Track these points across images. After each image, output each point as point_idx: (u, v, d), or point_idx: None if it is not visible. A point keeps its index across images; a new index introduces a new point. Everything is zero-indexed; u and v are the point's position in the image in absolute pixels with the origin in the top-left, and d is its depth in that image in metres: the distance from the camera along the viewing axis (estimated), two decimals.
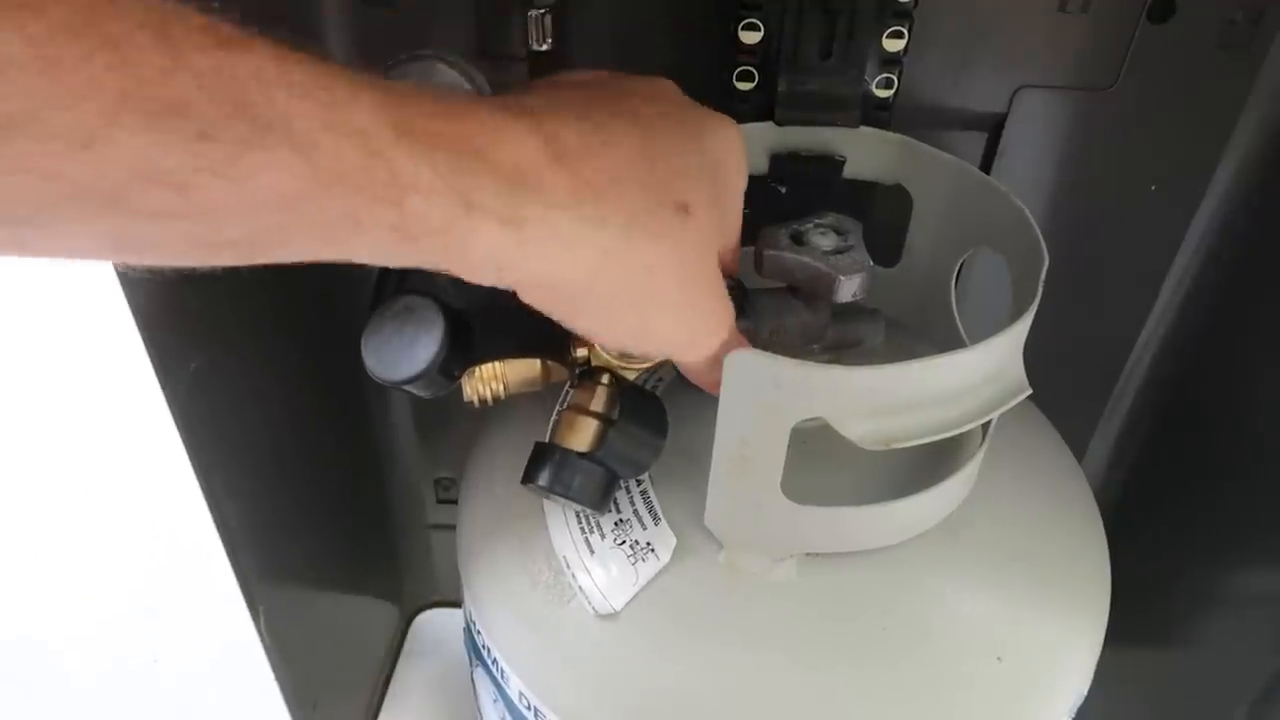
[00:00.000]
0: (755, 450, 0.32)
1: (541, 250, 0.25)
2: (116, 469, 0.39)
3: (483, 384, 0.36)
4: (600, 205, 0.26)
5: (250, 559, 0.44)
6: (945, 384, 0.31)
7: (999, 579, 0.37)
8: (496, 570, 0.40)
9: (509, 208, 0.24)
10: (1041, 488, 0.41)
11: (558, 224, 0.25)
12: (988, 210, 0.39)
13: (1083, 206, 0.52)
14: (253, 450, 0.46)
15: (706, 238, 0.29)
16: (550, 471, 0.35)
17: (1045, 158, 0.50)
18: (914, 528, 0.36)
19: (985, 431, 0.36)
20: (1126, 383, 0.60)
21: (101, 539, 0.42)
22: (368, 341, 0.33)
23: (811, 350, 0.40)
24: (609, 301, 0.28)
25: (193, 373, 0.38)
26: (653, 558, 0.36)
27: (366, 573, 0.69)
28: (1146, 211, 0.51)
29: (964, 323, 0.43)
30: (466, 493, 0.45)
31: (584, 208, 0.26)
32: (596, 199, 0.26)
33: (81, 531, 0.42)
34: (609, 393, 0.36)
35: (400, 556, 0.74)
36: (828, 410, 0.30)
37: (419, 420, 0.66)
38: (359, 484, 0.65)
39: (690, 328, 0.31)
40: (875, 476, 0.38)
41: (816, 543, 0.35)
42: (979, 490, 0.38)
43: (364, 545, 0.68)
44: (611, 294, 0.28)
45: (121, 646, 0.47)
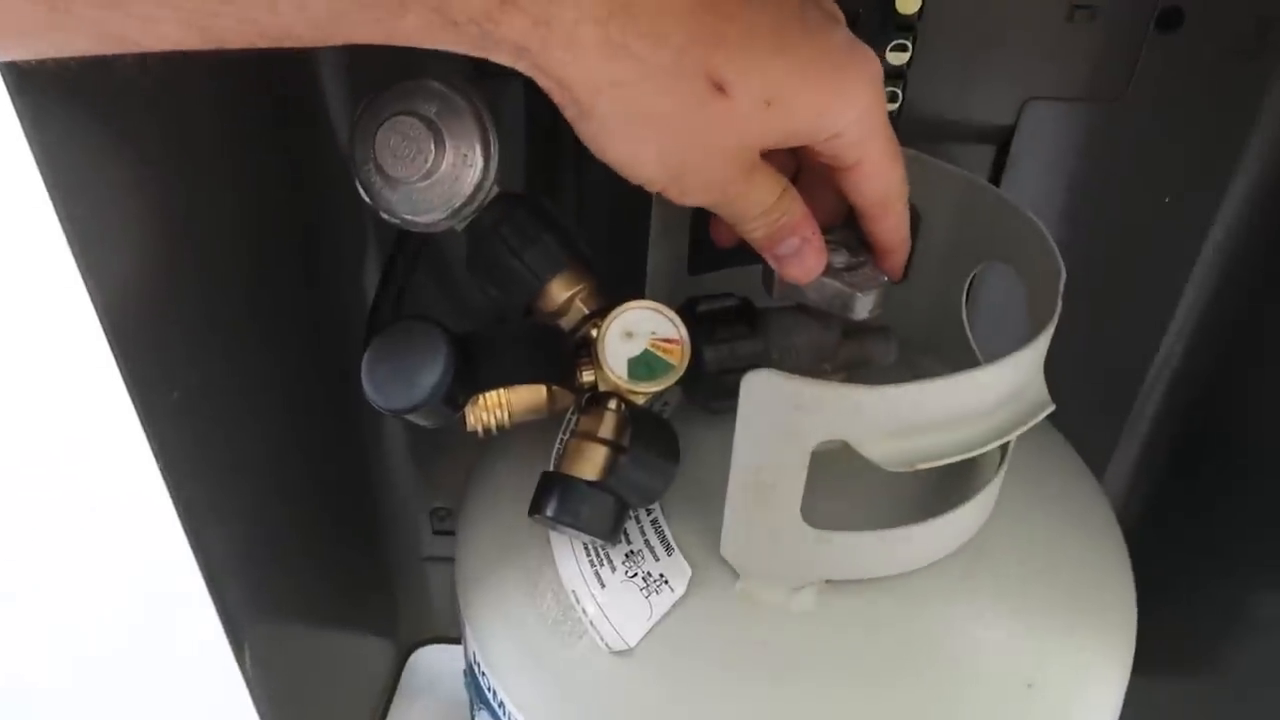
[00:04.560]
0: (773, 475, 0.31)
1: (560, 56, 0.26)
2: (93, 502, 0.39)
3: (486, 412, 0.35)
4: (628, 33, 0.26)
5: (234, 593, 0.43)
6: (971, 401, 0.31)
7: (1024, 604, 0.37)
8: (501, 606, 0.39)
9: (540, 6, 0.25)
10: (1062, 509, 0.41)
11: (581, 36, 0.26)
12: (999, 224, 0.39)
13: (1095, 220, 0.52)
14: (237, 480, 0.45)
15: (737, 126, 0.29)
16: (558, 501, 0.34)
17: (1055, 170, 0.50)
18: (936, 552, 0.36)
19: (1005, 451, 0.36)
20: (1145, 400, 0.59)
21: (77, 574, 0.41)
22: (368, 369, 0.32)
23: (823, 370, 0.39)
24: (606, 123, 0.29)
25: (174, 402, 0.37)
26: (667, 590, 0.35)
27: (358, 608, 0.68)
28: (1161, 224, 0.51)
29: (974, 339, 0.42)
30: (466, 524, 0.44)
31: (611, 28, 0.26)
32: (627, 26, 0.26)
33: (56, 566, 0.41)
34: (618, 418, 0.36)
35: (394, 590, 0.73)
36: (850, 432, 0.30)
37: (414, 447, 0.66)
38: (350, 514, 0.64)
39: (701, 187, 0.31)
40: (891, 500, 0.37)
41: (837, 570, 0.35)
42: (998, 513, 0.37)
43: (356, 579, 0.67)
44: (610, 119, 0.28)
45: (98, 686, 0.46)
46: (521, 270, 0.36)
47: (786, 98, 0.29)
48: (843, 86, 0.30)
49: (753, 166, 0.31)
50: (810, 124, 0.30)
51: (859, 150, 0.32)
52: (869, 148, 0.32)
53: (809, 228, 0.34)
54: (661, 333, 0.36)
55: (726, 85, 0.28)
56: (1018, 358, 0.31)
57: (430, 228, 0.35)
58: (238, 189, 0.44)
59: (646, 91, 0.28)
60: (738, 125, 0.29)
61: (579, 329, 0.37)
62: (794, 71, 0.29)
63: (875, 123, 0.31)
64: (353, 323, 0.54)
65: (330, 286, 0.56)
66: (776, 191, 0.32)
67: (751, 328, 0.37)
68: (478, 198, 0.35)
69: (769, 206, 0.32)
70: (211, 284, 0.41)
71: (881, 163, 0.33)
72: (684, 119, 0.29)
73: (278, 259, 0.49)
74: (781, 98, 0.29)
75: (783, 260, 0.34)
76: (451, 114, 0.33)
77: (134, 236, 0.35)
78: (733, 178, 0.31)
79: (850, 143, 0.31)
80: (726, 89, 0.28)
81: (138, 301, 0.35)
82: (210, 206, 0.41)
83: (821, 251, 0.34)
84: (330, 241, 0.55)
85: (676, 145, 0.29)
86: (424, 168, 0.33)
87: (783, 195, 0.32)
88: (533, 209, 0.36)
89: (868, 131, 0.31)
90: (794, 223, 0.33)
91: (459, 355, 0.32)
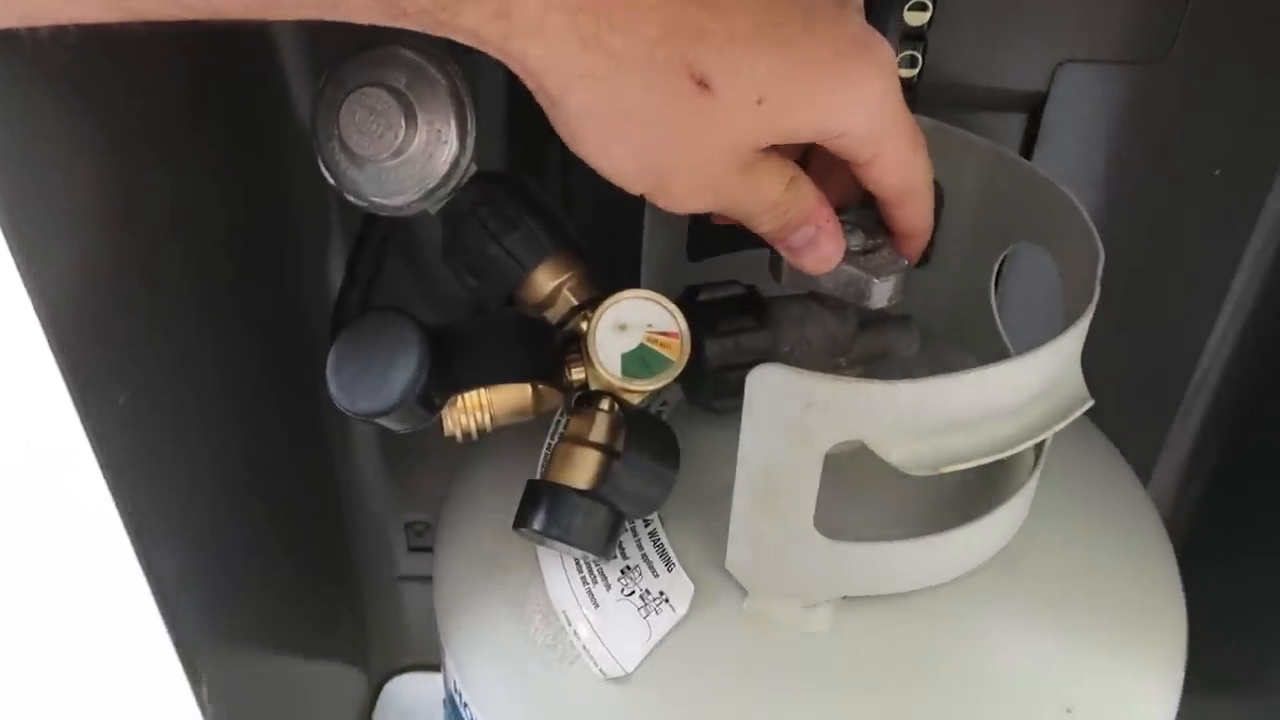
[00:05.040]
0: (783, 481, 0.31)
1: (522, 46, 0.27)
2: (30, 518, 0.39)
3: (466, 414, 0.35)
4: (600, 24, 0.27)
5: (190, 620, 0.43)
6: (1002, 396, 0.31)
7: (1062, 620, 0.37)
8: (484, 630, 0.39)
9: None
10: (1104, 514, 0.41)
11: (548, 26, 0.26)
12: (1030, 201, 0.39)
13: (1137, 196, 0.52)
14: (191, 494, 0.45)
15: (725, 126, 0.29)
16: (546, 513, 0.34)
17: (1092, 141, 0.50)
18: (964, 564, 0.36)
19: (1040, 452, 0.36)
20: (1195, 395, 0.60)
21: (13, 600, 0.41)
22: (333, 368, 0.32)
23: (838, 364, 0.39)
24: (577, 117, 0.29)
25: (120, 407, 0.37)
26: (667, 609, 0.35)
27: (327, 634, 0.68)
28: (1210, 199, 0.52)
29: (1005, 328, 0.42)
30: (444, 539, 0.44)
31: (580, 19, 0.26)
32: (599, 16, 0.26)
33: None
34: (611, 420, 0.36)
35: (367, 614, 0.73)
36: (868, 432, 0.30)
37: (387, 454, 0.66)
38: (317, 530, 0.64)
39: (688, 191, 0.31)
40: (913, 507, 0.37)
41: (855, 585, 0.35)
42: (1033, 519, 0.37)
43: (324, 602, 0.67)
44: (581, 113, 0.29)
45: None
46: (502, 257, 0.36)
47: (780, 96, 0.29)
48: (846, 84, 0.30)
49: (749, 164, 0.31)
50: (810, 124, 0.30)
51: (872, 148, 0.32)
52: (883, 145, 0.32)
53: (823, 215, 0.33)
54: (658, 325, 0.36)
55: (709, 81, 0.28)
56: (1053, 347, 0.31)
57: (401, 211, 0.35)
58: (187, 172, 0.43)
59: (620, 86, 0.28)
60: (725, 125, 0.29)
61: (567, 322, 0.37)
62: (788, 68, 0.29)
63: (888, 119, 0.31)
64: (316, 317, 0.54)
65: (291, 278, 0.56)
66: (782, 183, 0.32)
67: (758, 319, 0.37)
68: (453, 177, 0.34)
69: (775, 200, 0.32)
70: (160, 276, 0.41)
71: (899, 156, 0.32)
72: (664, 118, 0.29)
73: (233, 249, 0.49)
74: (774, 96, 0.29)
75: (797, 251, 0.34)
76: (424, 85, 0.33)
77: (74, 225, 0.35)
78: (726, 179, 0.31)
79: (861, 142, 0.31)
80: (710, 85, 0.28)
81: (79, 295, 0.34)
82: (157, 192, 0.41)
83: (839, 239, 0.34)
84: (291, 228, 0.55)
85: (657, 145, 0.29)
86: (393, 145, 0.33)
87: (791, 184, 0.32)
88: (514, 190, 0.36)
89: (880, 129, 0.31)
90: (806, 212, 0.33)
91: (434, 351, 0.33)
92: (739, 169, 0.31)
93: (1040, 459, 0.36)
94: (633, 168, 0.30)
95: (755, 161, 0.31)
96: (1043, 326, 0.33)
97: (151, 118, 0.40)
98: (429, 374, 0.32)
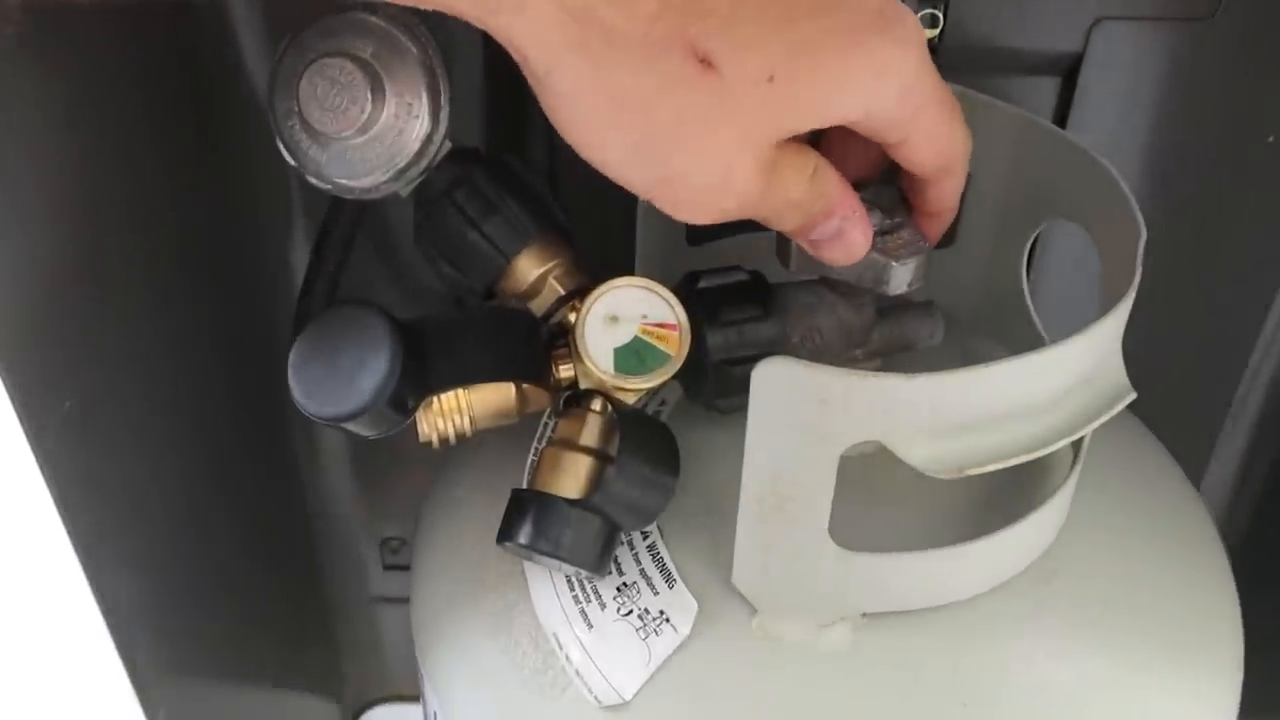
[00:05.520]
0: (795, 486, 0.31)
1: (508, 21, 0.27)
2: None
3: (443, 418, 0.35)
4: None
5: (146, 648, 0.43)
6: (1035, 390, 0.31)
7: (1104, 639, 0.37)
8: (467, 655, 0.39)
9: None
10: (1151, 520, 0.41)
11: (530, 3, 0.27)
12: (1064, 173, 0.39)
13: (1182, 167, 0.52)
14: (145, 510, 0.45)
15: (734, 109, 0.29)
16: (533, 526, 0.34)
17: (1132, 107, 0.50)
18: (996, 576, 0.36)
19: (1078, 451, 0.36)
20: (1248, 389, 0.60)
21: None
22: (296, 368, 0.32)
23: (854, 357, 0.40)
24: (567, 99, 0.29)
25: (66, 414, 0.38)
26: (668, 630, 0.35)
27: (296, 661, 0.68)
28: (1262, 169, 0.52)
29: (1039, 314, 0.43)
30: (422, 556, 0.44)
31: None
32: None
33: None
34: (603, 422, 0.36)
35: (338, 640, 0.73)
36: (887, 431, 0.30)
37: (358, 464, 0.66)
38: (283, 548, 0.65)
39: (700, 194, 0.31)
40: (938, 514, 0.38)
41: (875, 600, 0.35)
42: (1071, 526, 0.37)
43: (292, 626, 0.67)
44: (571, 94, 0.29)
45: None
46: (482, 244, 0.36)
47: (792, 72, 0.29)
48: (868, 61, 0.30)
49: (770, 162, 0.30)
50: (828, 104, 0.30)
51: (901, 130, 0.32)
52: (915, 126, 0.32)
53: (848, 203, 0.33)
54: (654, 316, 0.36)
55: (713, 58, 0.28)
56: (1091, 334, 0.31)
57: (369, 193, 0.35)
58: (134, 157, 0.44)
59: (612, 64, 0.28)
60: (734, 108, 0.29)
61: (554, 314, 0.37)
62: (800, 42, 0.29)
63: (919, 100, 0.31)
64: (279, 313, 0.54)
65: (251, 270, 0.56)
66: (806, 178, 0.32)
67: (764, 307, 0.37)
68: (426, 156, 0.35)
69: (798, 199, 0.32)
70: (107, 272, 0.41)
71: (933, 135, 0.32)
72: (663, 102, 0.29)
73: (186, 240, 0.49)
74: (786, 72, 0.29)
75: (821, 245, 0.34)
76: (392, 54, 0.33)
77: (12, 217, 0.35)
78: (744, 180, 0.30)
79: (889, 124, 0.31)
80: (714, 63, 0.28)
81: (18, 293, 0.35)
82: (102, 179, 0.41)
83: (866, 227, 0.34)
84: (249, 216, 0.55)
85: (658, 136, 0.29)
86: (359, 120, 0.33)
87: (814, 178, 0.32)
88: (494, 169, 0.36)
89: (910, 111, 0.31)
90: (830, 204, 0.33)
91: (407, 348, 0.33)
92: (758, 168, 0.30)
93: (1078, 458, 0.36)
94: (632, 163, 0.30)
95: (776, 158, 0.31)
96: (1080, 312, 0.33)
97: (95, 99, 0.40)
98: (402, 373, 0.32)
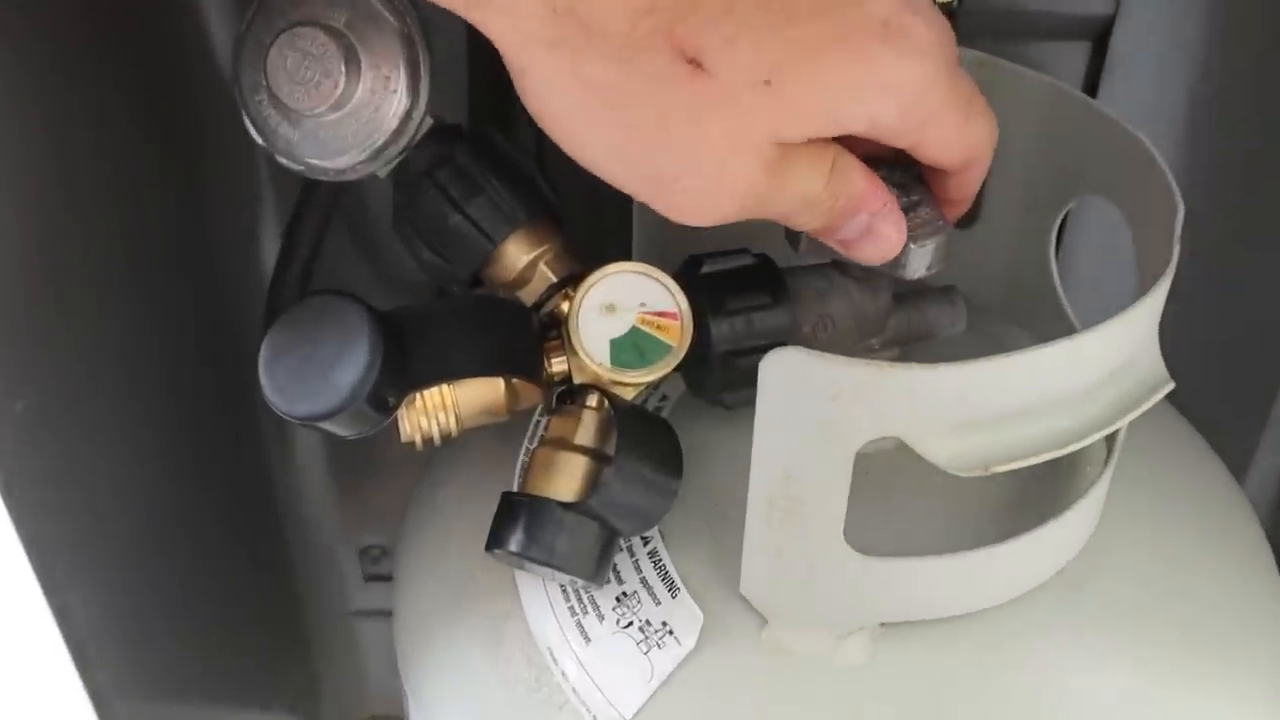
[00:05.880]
0: (806, 487, 0.31)
1: (484, 17, 0.28)
2: None
3: (426, 416, 0.35)
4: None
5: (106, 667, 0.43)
6: (1063, 382, 0.31)
7: (1141, 650, 0.37)
8: (455, 672, 0.39)
9: None
10: (1192, 522, 0.41)
11: None
12: (1095, 146, 0.39)
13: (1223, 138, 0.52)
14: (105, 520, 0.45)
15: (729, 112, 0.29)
16: (525, 532, 0.34)
17: (1168, 74, 0.50)
18: (1025, 581, 0.36)
19: (1112, 446, 0.36)
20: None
21: None
22: (267, 364, 0.32)
23: (869, 346, 0.40)
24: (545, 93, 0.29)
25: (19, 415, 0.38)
26: (672, 643, 0.35)
27: (269, 681, 0.68)
28: None
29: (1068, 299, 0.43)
30: (405, 566, 0.44)
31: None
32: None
33: None
34: (600, 419, 0.36)
35: (315, 657, 0.73)
36: (906, 426, 0.30)
37: (335, 467, 0.66)
38: (255, 559, 0.65)
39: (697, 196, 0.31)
40: (963, 516, 0.38)
41: (895, 609, 0.35)
42: (1105, 528, 0.37)
43: (265, 643, 0.67)
44: (549, 88, 0.29)
45: None
46: (466, 228, 0.36)
47: (790, 77, 0.29)
48: (869, 70, 0.30)
49: (775, 161, 0.30)
50: (828, 112, 0.30)
51: (911, 138, 0.32)
52: (923, 135, 0.32)
53: (877, 197, 0.33)
54: (654, 304, 0.36)
55: (703, 59, 0.28)
56: (1125, 319, 0.31)
57: (345, 175, 0.35)
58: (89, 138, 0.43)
59: (592, 61, 0.28)
60: (727, 109, 0.29)
61: (545, 303, 0.37)
62: (797, 46, 0.29)
63: (925, 113, 0.31)
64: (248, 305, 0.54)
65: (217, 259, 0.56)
66: (822, 174, 0.32)
67: (773, 294, 0.37)
68: (405, 133, 0.35)
69: (815, 196, 0.32)
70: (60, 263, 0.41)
71: (947, 139, 0.33)
72: (647, 102, 0.29)
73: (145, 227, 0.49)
74: (783, 76, 0.29)
75: (851, 245, 0.34)
76: (367, 23, 0.33)
77: None
78: (748, 180, 0.31)
79: (896, 132, 0.31)
80: (704, 63, 0.28)
81: None
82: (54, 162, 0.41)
83: (899, 222, 0.34)
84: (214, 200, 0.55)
85: (640, 136, 0.30)
86: (333, 95, 0.33)
87: (832, 174, 0.32)
88: (479, 147, 0.36)
89: (916, 123, 0.31)
90: (855, 199, 0.33)
91: (387, 341, 0.33)
92: (761, 167, 0.30)
93: (1113, 454, 0.36)
94: (614, 160, 0.30)
95: (783, 155, 0.31)
96: (1113, 296, 0.33)
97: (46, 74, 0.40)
98: (382, 368, 0.32)
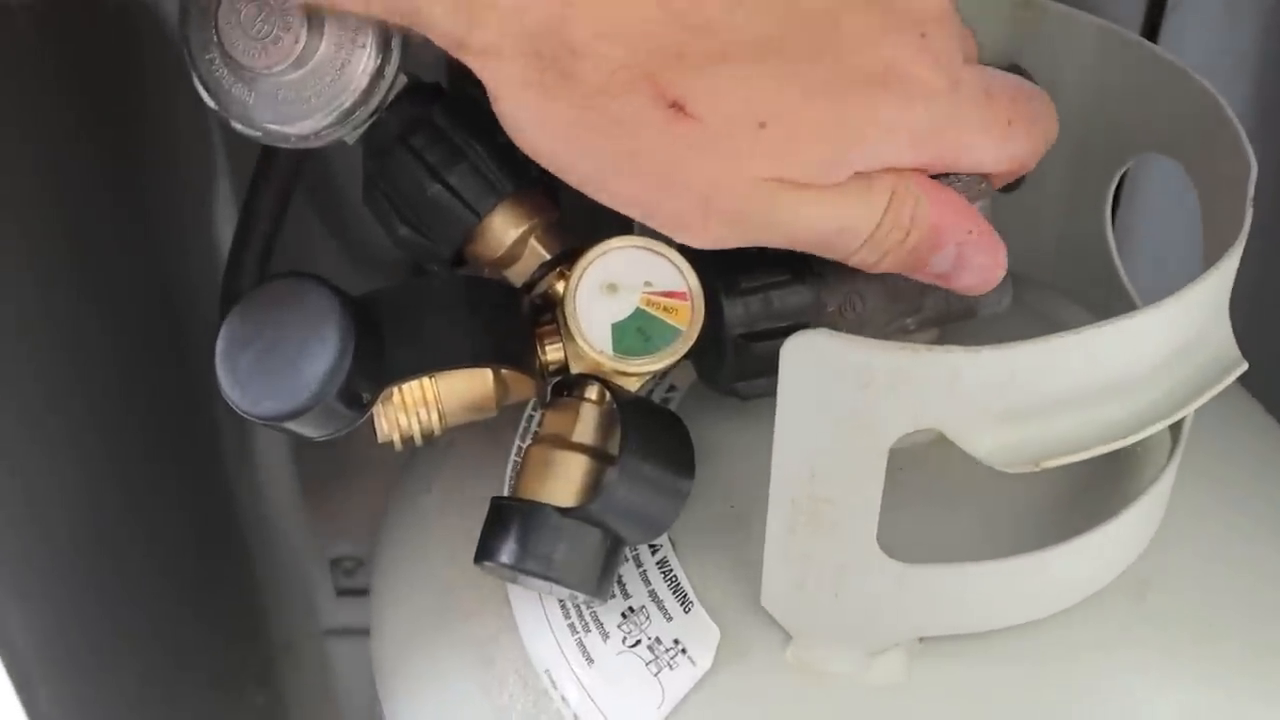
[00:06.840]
0: (834, 487, 0.31)
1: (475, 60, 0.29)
2: None
3: (406, 413, 0.35)
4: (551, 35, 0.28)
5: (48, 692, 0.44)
6: (1122, 365, 0.31)
7: (1210, 664, 0.37)
8: (441, 697, 0.39)
9: None
10: (1267, 520, 0.41)
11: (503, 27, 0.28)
12: (1156, 98, 0.39)
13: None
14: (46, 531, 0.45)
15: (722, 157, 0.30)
16: (518, 541, 0.34)
17: (1240, 11, 0.50)
18: (1081, 589, 0.36)
19: (1177, 437, 0.36)
20: None
21: None
22: (225, 356, 0.32)
23: (904, 327, 0.39)
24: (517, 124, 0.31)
25: None
26: (685, 663, 0.35)
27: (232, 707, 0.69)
28: None
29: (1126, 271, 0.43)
30: (383, 579, 0.44)
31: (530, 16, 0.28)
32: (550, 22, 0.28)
33: None
34: (601, 413, 0.36)
35: (283, 680, 0.73)
36: (945, 417, 0.30)
37: (303, 471, 0.66)
38: (215, 574, 0.65)
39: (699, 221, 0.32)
40: (1010, 517, 0.38)
41: (935, 622, 0.35)
42: (1170, 528, 0.37)
43: (227, 666, 0.67)
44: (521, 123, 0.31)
45: None
46: (446, 199, 0.36)
47: (786, 122, 0.30)
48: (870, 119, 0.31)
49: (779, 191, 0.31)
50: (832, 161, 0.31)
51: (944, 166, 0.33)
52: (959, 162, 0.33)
53: (960, 223, 0.33)
54: (660, 282, 0.36)
55: (686, 103, 0.29)
56: (1190, 294, 0.31)
57: (308, 141, 0.35)
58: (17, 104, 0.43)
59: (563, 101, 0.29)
60: (715, 149, 0.30)
61: (537, 283, 0.37)
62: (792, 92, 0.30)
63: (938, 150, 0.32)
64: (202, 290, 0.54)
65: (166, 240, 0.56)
66: (875, 207, 0.32)
67: (794, 270, 0.37)
68: (375, 94, 0.34)
69: (869, 232, 0.32)
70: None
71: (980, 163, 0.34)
72: (616, 141, 0.30)
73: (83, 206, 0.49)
74: (779, 121, 0.30)
75: (949, 279, 0.34)
76: None
77: None
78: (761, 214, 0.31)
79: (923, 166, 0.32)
80: (687, 108, 0.29)
81: None
82: None
83: (994, 244, 0.34)
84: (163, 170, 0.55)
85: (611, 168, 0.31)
86: (293, 52, 0.33)
87: (892, 203, 0.32)
88: (459, 108, 0.36)
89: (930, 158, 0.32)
90: (932, 231, 0.33)
91: (360, 329, 0.33)
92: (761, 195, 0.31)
93: (1178, 445, 0.36)
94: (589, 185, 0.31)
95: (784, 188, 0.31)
96: (1177, 267, 0.33)
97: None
98: (354, 360, 0.32)
